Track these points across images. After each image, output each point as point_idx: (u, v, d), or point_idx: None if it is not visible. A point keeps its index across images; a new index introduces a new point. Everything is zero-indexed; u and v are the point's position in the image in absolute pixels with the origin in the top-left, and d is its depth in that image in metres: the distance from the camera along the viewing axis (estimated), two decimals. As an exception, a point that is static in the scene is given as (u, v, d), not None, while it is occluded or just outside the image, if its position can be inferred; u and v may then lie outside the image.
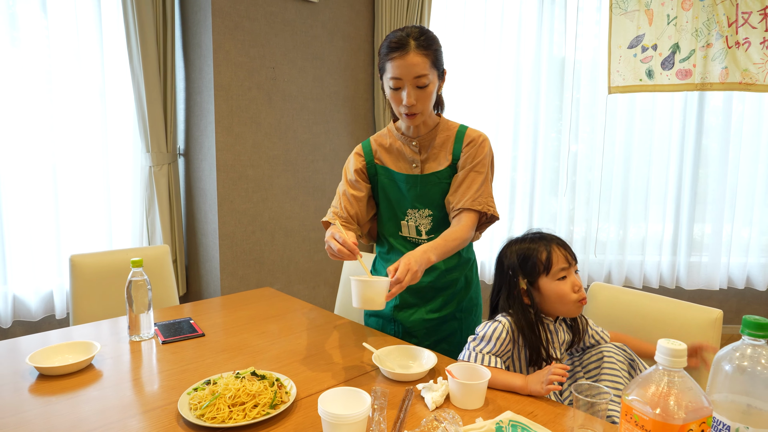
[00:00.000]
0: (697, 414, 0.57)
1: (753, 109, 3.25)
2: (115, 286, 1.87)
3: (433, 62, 1.24)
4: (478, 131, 1.38)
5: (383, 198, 1.43)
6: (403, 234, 1.43)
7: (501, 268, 1.25)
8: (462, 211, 1.32)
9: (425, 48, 1.22)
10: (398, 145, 1.40)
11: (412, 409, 1.00)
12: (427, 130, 1.38)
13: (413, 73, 1.22)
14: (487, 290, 3.54)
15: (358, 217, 1.41)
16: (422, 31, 1.25)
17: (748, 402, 0.68)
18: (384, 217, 1.45)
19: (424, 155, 1.39)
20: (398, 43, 1.22)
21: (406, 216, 1.41)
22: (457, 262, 1.43)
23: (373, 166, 1.43)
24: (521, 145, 3.41)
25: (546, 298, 1.17)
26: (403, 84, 1.23)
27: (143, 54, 2.58)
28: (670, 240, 3.40)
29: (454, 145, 1.36)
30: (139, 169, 2.75)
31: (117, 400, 1.05)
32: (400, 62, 1.21)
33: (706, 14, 3.02)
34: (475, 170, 1.33)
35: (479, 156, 1.34)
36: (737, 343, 0.68)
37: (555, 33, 3.30)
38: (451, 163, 1.36)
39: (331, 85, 2.97)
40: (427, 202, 1.38)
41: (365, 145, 1.45)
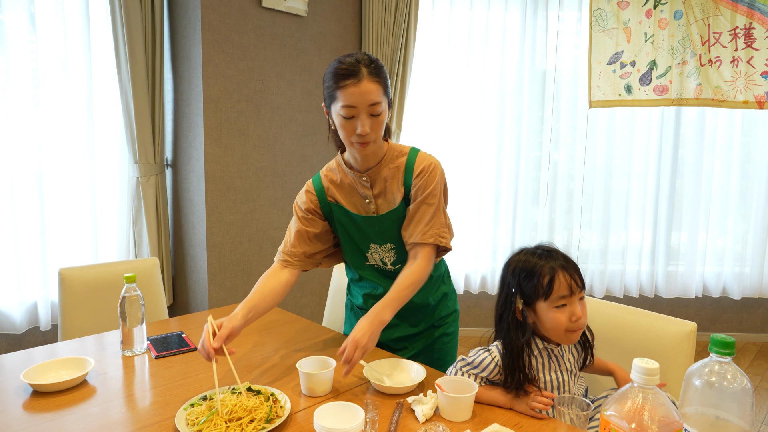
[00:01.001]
0: (668, 428, 0.62)
1: (725, 124, 3.38)
2: (104, 300, 1.87)
3: (384, 90, 1.22)
4: (428, 157, 1.34)
5: (343, 233, 1.40)
6: (370, 263, 1.42)
7: (502, 282, 1.20)
8: (415, 245, 1.30)
9: (377, 75, 1.19)
10: (349, 180, 1.36)
11: (402, 422, 1.04)
12: (376, 161, 1.32)
13: (368, 101, 1.18)
14: (474, 298, 3.60)
15: (310, 251, 1.39)
16: (371, 58, 1.22)
17: (716, 414, 0.73)
18: (348, 251, 1.43)
19: (376, 189, 1.34)
20: (350, 70, 1.17)
21: (369, 249, 1.39)
22: (429, 283, 1.41)
23: (327, 204, 1.38)
24: (505, 155, 3.48)
25: (541, 323, 1.13)
26: (358, 113, 1.19)
27: (132, 65, 2.59)
28: (649, 249, 3.50)
29: (405, 177, 1.32)
30: (126, 180, 2.75)
31: (113, 416, 1.07)
32: (354, 90, 1.17)
33: (681, 33, 3.14)
34: (426, 203, 1.30)
35: (429, 186, 1.30)
36: (706, 360, 0.74)
37: (537, 45, 3.40)
38: (404, 195, 1.32)
39: (319, 98, 3.01)
40: (387, 238, 1.36)
41: (316, 183, 1.40)
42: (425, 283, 1.39)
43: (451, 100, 3.42)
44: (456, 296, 1.56)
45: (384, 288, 1.39)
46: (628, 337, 1.40)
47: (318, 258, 1.44)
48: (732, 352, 0.72)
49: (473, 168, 3.49)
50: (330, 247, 1.46)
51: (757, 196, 3.42)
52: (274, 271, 1.37)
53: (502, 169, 3.50)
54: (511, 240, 3.53)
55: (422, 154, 1.35)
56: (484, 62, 3.40)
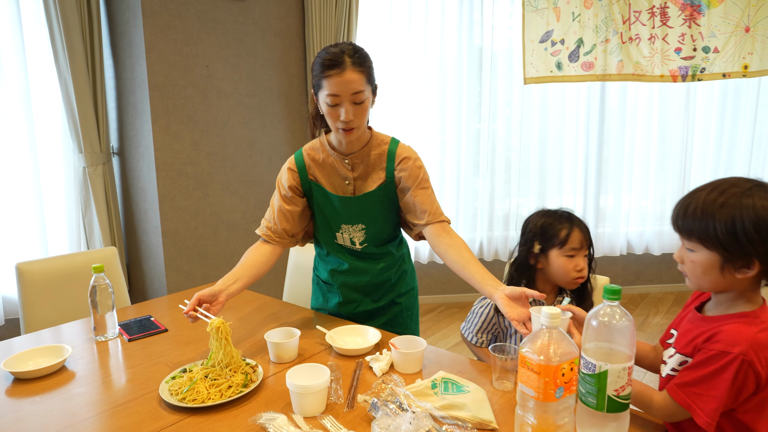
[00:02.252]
0: (568, 356, 0.81)
1: (645, 96, 3.70)
2: (64, 291, 1.91)
3: (367, 79, 1.29)
4: (408, 148, 1.47)
5: (318, 211, 1.50)
6: (339, 242, 1.52)
7: (524, 231, 1.45)
8: (431, 224, 1.42)
9: (360, 65, 1.27)
10: (331, 161, 1.44)
11: (363, 377, 1.20)
12: (360, 146, 1.42)
13: (350, 90, 1.26)
14: (424, 268, 3.81)
15: (291, 230, 1.49)
16: (356, 48, 1.29)
17: (609, 347, 0.93)
18: (320, 227, 1.53)
19: (356, 173, 1.44)
20: (334, 60, 1.25)
21: (340, 229, 1.49)
22: (392, 261, 1.56)
23: (308, 182, 1.46)
24: (447, 129, 3.65)
25: (550, 267, 1.38)
26: (341, 101, 1.27)
27: (70, 53, 2.54)
28: (580, 213, 3.80)
29: (387, 164, 1.44)
30: (73, 170, 2.72)
31: (98, 394, 1.17)
32: (338, 80, 1.25)
33: (604, 12, 3.38)
34: (421, 187, 1.43)
35: (420, 173, 1.43)
36: (600, 305, 0.93)
37: (474, 24, 3.55)
38: (384, 181, 1.44)
39: (265, 81, 3.05)
40: (360, 219, 1.47)
41: (298, 160, 1.47)
42: (390, 261, 1.55)
43: (395, 77, 3.54)
44: (415, 275, 1.69)
45: (349, 264, 1.52)
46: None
47: (298, 237, 1.55)
48: (619, 297, 0.92)
49: (417, 141, 3.64)
50: (308, 225, 1.57)
51: (674, 160, 3.78)
52: (259, 246, 1.50)
53: (445, 142, 3.68)
54: (455, 210, 3.75)
55: (402, 144, 1.47)
56: (424, 40, 3.53)
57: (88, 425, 1.04)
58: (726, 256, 0.89)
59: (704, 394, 0.88)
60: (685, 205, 0.93)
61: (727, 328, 0.90)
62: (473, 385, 1.10)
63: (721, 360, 0.87)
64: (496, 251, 3.82)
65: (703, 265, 0.92)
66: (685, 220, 0.92)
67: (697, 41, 3.36)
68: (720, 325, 0.92)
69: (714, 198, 0.89)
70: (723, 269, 0.90)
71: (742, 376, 0.86)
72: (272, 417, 1.01)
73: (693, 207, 0.91)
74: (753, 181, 0.90)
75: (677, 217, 0.95)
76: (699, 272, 0.93)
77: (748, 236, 0.85)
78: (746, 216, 0.85)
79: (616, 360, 0.90)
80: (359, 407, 1.07)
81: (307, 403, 1.03)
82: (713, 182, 0.93)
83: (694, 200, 0.92)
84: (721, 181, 0.92)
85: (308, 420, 1.02)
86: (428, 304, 3.84)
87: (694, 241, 0.92)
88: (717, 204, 0.88)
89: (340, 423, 1.00)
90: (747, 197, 0.87)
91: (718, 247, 0.89)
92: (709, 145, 3.79)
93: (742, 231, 0.85)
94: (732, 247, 0.87)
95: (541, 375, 0.80)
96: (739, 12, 3.33)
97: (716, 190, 0.90)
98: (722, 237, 0.87)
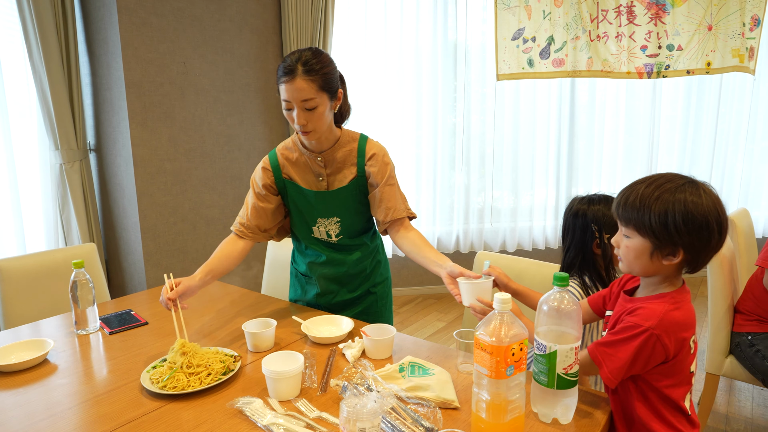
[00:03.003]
0: (516, 338, 0.89)
1: (612, 92, 3.83)
2: (44, 287, 1.94)
3: (320, 86, 1.33)
4: (377, 144, 1.53)
5: (294, 208, 1.56)
6: (315, 236, 1.59)
7: (581, 223, 1.41)
8: (395, 221, 1.52)
9: (312, 73, 1.31)
10: (304, 159, 1.51)
11: (336, 364, 1.27)
12: (329, 145, 1.49)
13: (300, 98, 1.32)
14: (401, 260, 3.89)
15: (264, 226, 1.56)
16: (315, 54, 1.34)
17: (560, 329, 1.01)
18: (297, 222, 1.59)
19: (329, 169, 1.51)
20: (287, 68, 1.32)
21: (316, 223, 1.56)
22: (367, 252, 1.63)
23: (282, 180, 1.53)
24: (423, 123, 3.73)
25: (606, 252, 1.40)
26: (292, 106, 1.34)
27: (44, 49, 2.54)
28: (552, 205, 3.95)
29: (358, 159, 1.51)
30: (49, 167, 2.72)
31: (81, 384, 1.22)
32: (288, 86, 1.31)
33: (574, 10, 3.48)
34: (388, 184, 1.50)
35: (387, 170, 1.50)
36: (550, 292, 1.02)
37: (449, 19, 3.63)
38: (356, 176, 1.51)
39: (243, 78, 3.08)
40: (334, 212, 1.54)
41: (272, 159, 1.53)
42: (365, 252, 1.62)
43: (372, 72, 3.60)
44: (388, 265, 1.77)
45: (327, 256, 1.59)
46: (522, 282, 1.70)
47: (271, 233, 1.61)
48: (566, 283, 1.00)
49: (394, 136, 3.71)
50: (281, 221, 1.63)
51: (640, 152, 3.93)
52: (231, 240, 1.56)
53: (421, 136, 3.76)
54: (432, 203, 3.84)
55: (371, 140, 1.54)
56: (400, 35, 3.59)
57: (70, 414, 1.09)
58: (656, 244, 0.98)
59: (613, 354, 0.99)
60: (626, 196, 1.02)
61: (646, 305, 1.00)
62: (438, 368, 1.18)
63: (633, 331, 0.97)
64: (472, 244, 3.92)
65: (636, 251, 1.01)
66: (625, 209, 1.01)
67: (662, 39, 3.49)
68: (642, 303, 1.03)
69: (651, 191, 0.98)
70: (652, 255, 0.99)
71: (650, 347, 0.96)
72: (249, 401, 1.07)
73: (632, 198, 1.00)
74: (686, 178, 0.99)
75: (618, 206, 1.03)
76: (632, 257, 1.02)
77: (677, 227, 0.94)
78: (677, 209, 0.94)
79: (564, 341, 0.99)
80: (332, 391, 1.14)
81: (282, 387, 1.09)
82: (651, 176, 1.02)
83: (634, 192, 1.00)
84: (658, 176, 1.01)
85: (283, 403, 1.08)
86: (406, 296, 3.93)
87: (631, 228, 1.01)
88: (653, 197, 0.97)
89: (314, 405, 1.07)
90: (680, 192, 0.96)
91: (650, 235, 0.98)
92: (674, 138, 3.95)
93: (672, 222, 0.94)
94: (662, 236, 0.96)
95: (492, 355, 0.88)
96: (701, 11, 3.46)
97: (653, 184, 0.99)
98: (655, 226, 0.96)
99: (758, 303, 1.84)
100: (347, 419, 0.85)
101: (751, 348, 1.81)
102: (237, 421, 1.03)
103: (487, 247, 3.92)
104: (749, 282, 1.91)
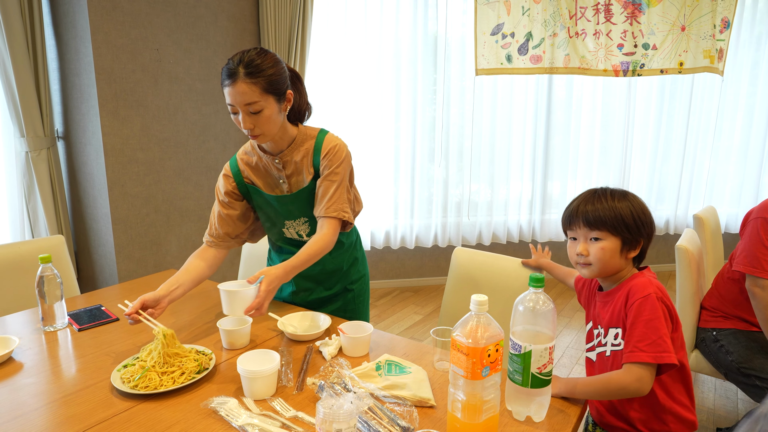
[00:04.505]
0: (493, 339, 0.90)
1: (589, 89, 3.88)
2: (8, 282, 1.87)
3: (264, 88, 1.29)
4: (335, 139, 1.46)
5: (261, 212, 1.55)
6: (287, 237, 1.58)
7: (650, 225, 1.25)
8: (321, 218, 1.44)
9: (254, 75, 1.27)
10: (264, 162, 1.48)
11: (312, 362, 1.27)
12: (286, 145, 1.44)
13: (242, 101, 1.28)
14: (379, 253, 3.88)
15: (233, 232, 1.54)
16: (259, 54, 1.30)
17: (535, 329, 1.03)
18: (266, 227, 1.59)
19: (288, 170, 1.47)
20: (229, 71, 1.28)
21: (285, 225, 1.54)
22: (342, 249, 1.62)
23: (244, 185, 1.50)
24: (402, 116, 3.72)
25: None
26: (237, 110, 1.30)
27: (7, 31, 2.44)
28: (528, 199, 4.00)
29: (314, 158, 1.45)
30: (14, 155, 2.62)
31: (48, 384, 1.18)
32: (230, 90, 1.28)
33: (553, 7, 3.51)
34: (328, 179, 1.43)
35: (334, 164, 1.43)
36: (526, 292, 1.03)
37: (429, 12, 3.61)
38: (313, 176, 1.46)
39: (218, 66, 3.02)
40: (300, 214, 1.51)
41: (233, 166, 1.52)
42: (340, 250, 1.60)
43: (351, 64, 3.56)
44: (366, 262, 1.75)
45: None
46: (495, 277, 1.72)
47: (243, 237, 1.59)
48: (542, 285, 1.02)
49: (373, 128, 3.69)
50: (252, 224, 1.60)
51: (615, 149, 4.00)
52: (202, 250, 1.53)
53: (400, 129, 3.75)
54: (410, 197, 3.84)
55: (330, 135, 1.48)
56: (380, 27, 3.56)
57: (37, 415, 1.06)
58: (626, 239, 1.16)
59: (656, 338, 1.07)
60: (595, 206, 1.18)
61: (634, 282, 1.15)
62: (415, 367, 1.18)
63: (646, 303, 1.10)
64: (449, 239, 3.95)
65: (611, 250, 1.16)
66: (595, 217, 1.17)
67: (638, 38, 3.55)
68: (625, 287, 1.17)
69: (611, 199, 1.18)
70: (621, 252, 1.17)
71: (664, 310, 1.10)
72: (224, 401, 1.06)
73: (599, 206, 1.17)
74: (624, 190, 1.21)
75: (587, 214, 1.18)
76: (608, 256, 1.16)
77: (642, 221, 1.16)
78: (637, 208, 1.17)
79: (539, 341, 1.00)
80: (308, 389, 1.13)
81: (258, 386, 1.08)
82: (596, 189, 1.22)
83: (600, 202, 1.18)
84: (602, 188, 1.22)
85: (258, 403, 1.07)
86: (382, 289, 3.94)
87: (604, 230, 1.16)
88: (616, 202, 1.17)
89: (290, 404, 1.06)
90: (631, 197, 1.19)
91: (623, 231, 1.15)
92: (647, 135, 4.03)
93: (639, 217, 1.16)
94: (633, 231, 1.15)
95: (469, 356, 0.89)
96: (675, 12, 3.53)
97: (608, 194, 1.19)
98: (629, 222, 1.15)
99: (723, 300, 1.90)
100: (323, 420, 0.85)
101: (716, 343, 1.87)
102: (211, 422, 1.02)
103: (465, 241, 3.95)
104: (716, 280, 1.97)
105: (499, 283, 1.71)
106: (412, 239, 3.88)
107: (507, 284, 1.68)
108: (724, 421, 2.28)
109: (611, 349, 1.18)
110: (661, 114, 3.99)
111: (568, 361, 2.85)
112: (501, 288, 1.69)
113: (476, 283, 1.76)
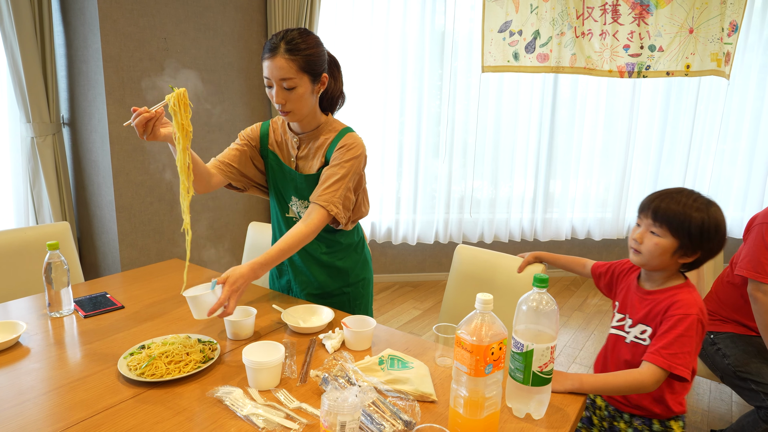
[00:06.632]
0: (497, 337, 0.92)
1: (594, 89, 3.88)
2: (13, 267, 1.89)
3: (301, 67, 1.32)
4: (355, 137, 1.46)
5: (272, 181, 1.57)
6: (289, 216, 1.59)
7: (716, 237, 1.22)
8: (311, 204, 1.42)
9: (294, 53, 1.31)
10: (287, 137, 1.54)
11: (316, 354, 1.28)
12: (311, 128, 1.48)
13: (278, 76, 1.32)
14: (380, 247, 3.89)
15: (229, 162, 1.52)
16: (301, 34, 1.33)
17: (538, 329, 1.04)
18: (273, 197, 1.61)
19: (301, 152, 1.51)
20: (271, 45, 1.32)
21: (290, 202, 1.57)
22: (338, 248, 1.60)
23: (266, 148, 1.56)
24: (407, 111, 3.72)
25: None
26: (272, 84, 1.34)
27: (16, 16, 2.43)
28: (530, 198, 4.01)
29: (329, 148, 1.47)
30: (20, 141, 2.63)
31: (55, 369, 1.20)
32: (269, 63, 1.32)
33: (561, 6, 3.50)
34: (332, 168, 1.43)
35: (344, 158, 1.43)
36: (530, 292, 1.04)
37: (437, 7, 3.60)
38: (322, 165, 1.48)
39: (225, 56, 3.01)
40: (305, 196, 1.52)
41: (264, 126, 1.57)
42: (343, 249, 1.60)
43: (357, 57, 3.56)
44: (370, 264, 1.72)
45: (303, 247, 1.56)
46: (498, 275, 1.74)
47: (231, 176, 1.55)
48: (546, 285, 1.03)
49: (378, 122, 3.70)
50: (251, 181, 1.61)
51: (617, 151, 4.01)
52: None
53: (405, 124, 3.75)
54: (413, 191, 3.85)
55: (352, 134, 1.48)
56: (387, 21, 3.55)
57: (45, 399, 1.07)
58: (683, 244, 1.18)
59: (679, 351, 1.13)
60: (665, 202, 1.19)
61: (681, 297, 1.19)
62: (417, 362, 1.20)
63: (685, 322, 1.14)
64: (451, 236, 3.96)
65: (663, 248, 1.19)
66: (666, 212, 1.18)
67: (645, 39, 3.55)
68: (670, 296, 1.21)
69: (690, 202, 1.18)
70: (674, 254, 1.20)
71: (701, 331, 1.15)
72: (229, 390, 1.07)
73: (673, 205, 1.18)
74: (709, 197, 1.21)
75: (658, 208, 1.20)
76: (658, 252, 1.20)
77: (708, 235, 1.17)
78: (711, 221, 1.17)
79: (541, 340, 1.02)
80: (311, 382, 1.15)
81: (262, 377, 1.10)
82: (682, 189, 1.22)
83: (674, 200, 1.19)
84: (689, 190, 1.21)
85: (263, 393, 1.09)
86: (383, 283, 3.96)
87: (665, 228, 1.19)
88: (693, 207, 1.18)
89: (293, 396, 1.08)
90: (712, 207, 1.19)
91: (683, 237, 1.17)
92: (651, 138, 4.03)
93: (707, 230, 1.16)
94: (694, 239, 1.17)
95: (473, 354, 0.90)
96: (684, 14, 3.52)
97: (690, 196, 1.19)
98: (693, 231, 1.16)
99: (721, 304, 1.92)
100: (328, 412, 0.87)
101: (713, 347, 1.89)
102: (217, 410, 1.03)
103: (466, 238, 3.97)
104: (715, 283, 1.99)
105: (501, 281, 1.72)
106: (414, 235, 3.89)
107: (509, 283, 1.70)
108: (718, 422, 2.30)
109: (633, 340, 1.27)
110: (665, 116, 3.99)
111: (564, 360, 2.87)
112: (502, 286, 1.70)
113: (478, 281, 1.77)
